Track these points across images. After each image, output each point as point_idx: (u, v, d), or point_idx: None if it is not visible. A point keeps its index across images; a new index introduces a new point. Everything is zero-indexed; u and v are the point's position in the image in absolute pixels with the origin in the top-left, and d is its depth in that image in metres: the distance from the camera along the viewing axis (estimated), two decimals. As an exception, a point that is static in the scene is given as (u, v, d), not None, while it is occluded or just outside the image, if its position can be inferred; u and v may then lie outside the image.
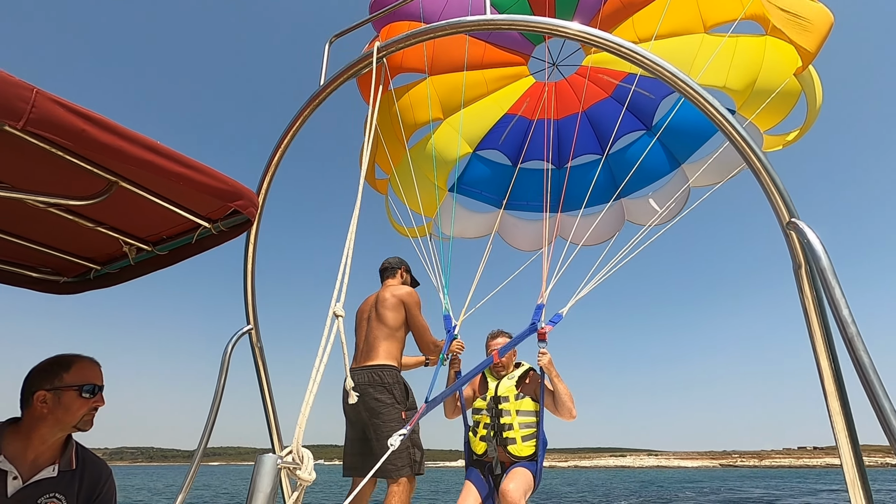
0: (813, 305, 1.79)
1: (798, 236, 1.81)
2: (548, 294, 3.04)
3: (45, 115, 1.07)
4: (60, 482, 1.63)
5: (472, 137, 4.83)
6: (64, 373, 1.62)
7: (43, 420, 1.58)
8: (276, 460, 1.01)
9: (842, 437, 1.70)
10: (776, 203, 1.93)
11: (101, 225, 1.71)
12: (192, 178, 1.36)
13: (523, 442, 3.15)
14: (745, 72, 3.81)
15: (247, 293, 2.98)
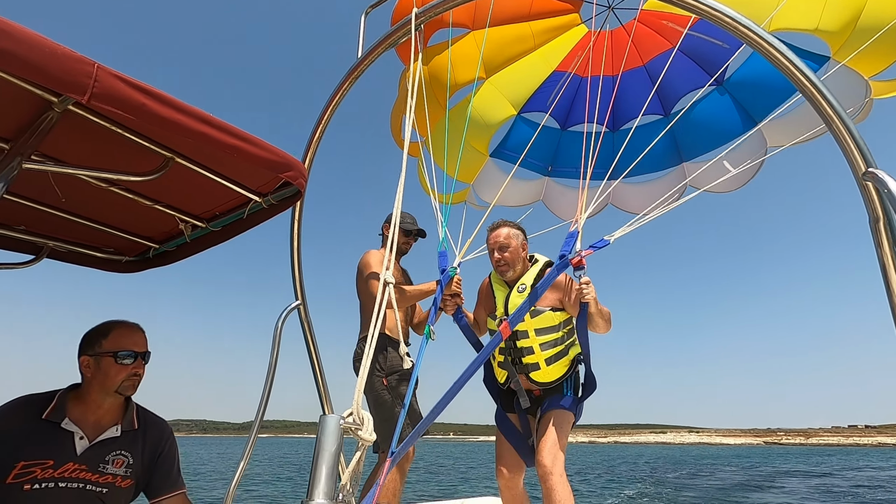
0: (892, 261, 1.67)
1: (876, 186, 1.69)
2: (584, 219, 2.48)
3: (108, 89, 1.11)
4: (124, 441, 1.75)
5: (517, 98, 4.42)
6: (102, 339, 1.72)
7: (90, 385, 1.70)
8: (339, 420, 1.04)
9: None
10: (851, 153, 1.81)
11: (158, 203, 1.81)
12: (244, 149, 1.41)
13: (548, 365, 2.59)
14: (843, 8, 3.22)
15: (294, 269, 3.05)
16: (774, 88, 3.65)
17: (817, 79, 1.88)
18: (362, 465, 1.19)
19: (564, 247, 2.37)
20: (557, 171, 4.66)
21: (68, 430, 1.64)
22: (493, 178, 4.55)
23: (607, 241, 2.33)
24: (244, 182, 1.71)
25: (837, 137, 1.84)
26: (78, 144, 1.44)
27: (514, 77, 4.35)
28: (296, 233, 3.02)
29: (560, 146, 4.60)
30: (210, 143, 1.34)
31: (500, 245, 2.67)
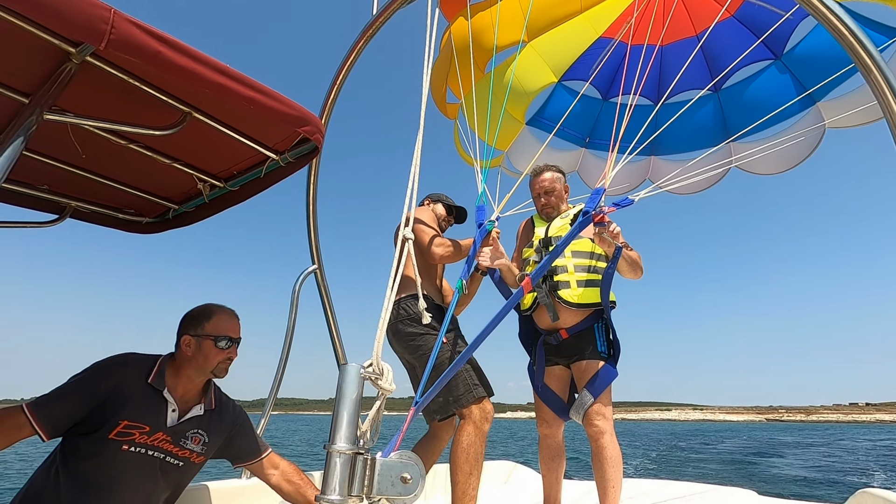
0: None
1: None
2: (612, 176, 2.40)
3: (125, 35, 1.11)
4: (204, 420, 1.83)
5: (559, 65, 4.24)
6: (206, 322, 1.79)
7: (188, 362, 1.77)
8: (360, 369, 1.06)
9: None
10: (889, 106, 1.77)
11: (177, 161, 1.83)
12: (262, 102, 1.41)
13: (579, 287, 2.56)
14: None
15: (310, 233, 3.06)
16: (841, 63, 3.42)
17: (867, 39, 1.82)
18: (381, 414, 1.21)
19: (589, 202, 2.35)
20: (595, 143, 4.51)
21: (167, 398, 1.73)
22: (528, 147, 4.43)
23: (631, 201, 2.30)
24: (261, 139, 1.71)
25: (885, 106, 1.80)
26: (96, 99, 1.45)
27: (557, 41, 4.15)
28: (312, 193, 3.03)
29: (600, 117, 4.44)
30: (227, 95, 1.33)
31: (545, 189, 2.83)
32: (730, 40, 3.90)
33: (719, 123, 4.08)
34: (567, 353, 2.66)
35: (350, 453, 0.95)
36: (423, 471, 1.04)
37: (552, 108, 4.39)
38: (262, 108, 1.41)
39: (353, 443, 0.97)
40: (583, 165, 4.56)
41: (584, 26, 4.12)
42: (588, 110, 4.42)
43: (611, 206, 2.32)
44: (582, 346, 2.60)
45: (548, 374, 2.74)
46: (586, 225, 2.31)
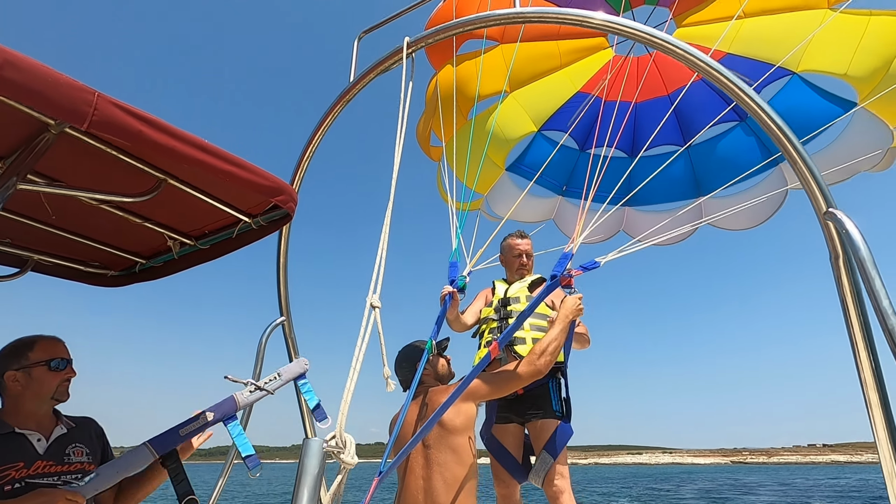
0: (851, 297, 1.76)
1: (836, 226, 1.79)
2: (580, 241, 2.54)
3: (107, 117, 1.14)
4: (73, 435, 1.78)
5: (539, 115, 4.40)
6: (29, 352, 1.72)
7: (22, 396, 1.69)
8: (322, 444, 1.06)
9: (880, 430, 1.66)
10: (813, 193, 1.91)
11: (148, 221, 1.81)
12: (237, 174, 1.45)
13: (534, 343, 2.49)
14: (875, 55, 3.22)
15: (280, 285, 3.07)
16: (801, 127, 3.65)
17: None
18: (343, 488, 1.21)
19: (557, 266, 2.42)
20: (571, 191, 4.63)
21: (24, 433, 1.67)
22: (507, 192, 4.52)
23: (597, 264, 2.36)
24: (235, 203, 1.74)
25: (801, 178, 1.92)
26: (72, 164, 1.44)
27: (538, 94, 4.32)
28: (282, 251, 3.04)
29: (577, 167, 4.58)
30: (204, 169, 1.37)
31: (527, 252, 2.99)
32: (699, 101, 4.14)
33: (690, 177, 4.27)
34: (522, 410, 2.64)
35: None
36: None
37: (531, 156, 4.52)
38: (237, 180, 1.45)
39: None
40: (559, 213, 4.66)
41: (564, 81, 4.31)
42: (565, 160, 4.57)
43: (577, 269, 2.37)
44: (537, 403, 2.59)
45: (502, 432, 2.70)
46: (555, 288, 2.38)
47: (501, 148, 4.40)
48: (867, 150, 3.46)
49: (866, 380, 1.70)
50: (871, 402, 1.69)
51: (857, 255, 1.63)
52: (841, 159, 3.44)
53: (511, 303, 2.74)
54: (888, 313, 1.48)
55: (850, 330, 1.76)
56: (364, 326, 1.50)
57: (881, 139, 3.35)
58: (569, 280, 2.36)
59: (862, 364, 1.72)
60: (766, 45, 3.69)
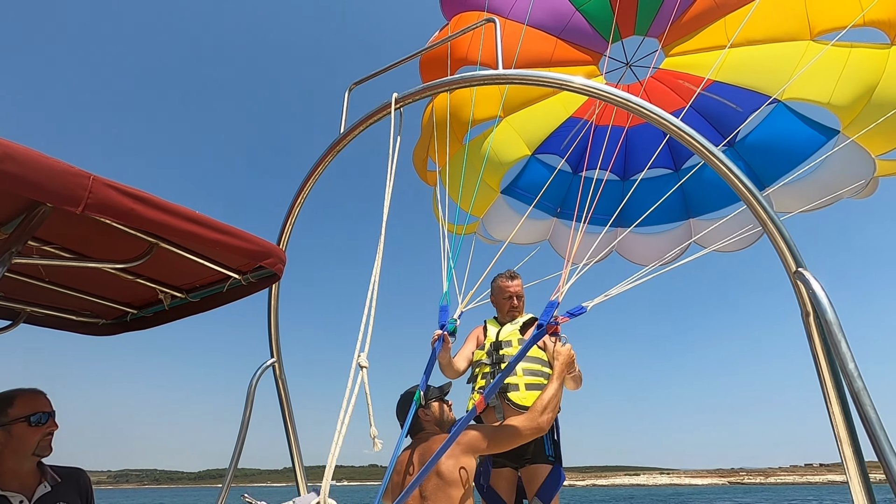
0: (822, 353, 1.81)
1: (804, 287, 1.83)
2: (566, 290, 2.55)
3: (101, 199, 1.21)
4: (59, 492, 1.75)
5: (533, 140, 4.49)
6: (8, 408, 1.69)
7: (1, 456, 1.66)
8: None
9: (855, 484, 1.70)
10: (782, 252, 1.95)
11: (140, 277, 1.87)
12: (225, 242, 1.52)
13: (527, 390, 2.61)
14: (857, 85, 3.33)
15: (270, 328, 3.08)
16: (785, 154, 3.76)
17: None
18: None
19: (543, 316, 2.44)
20: (565, 213, 4.70)
21: (4, 494, 1.63)
22: (502, 214, 4.58)
23: (584, 309, 2.39)
24: (224, 262, 1.80)
25: (771, 238, 1.95)
26: (67, 231, 1.50)
27: (532, 118, 4.42)
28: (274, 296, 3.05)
29: (570, 190, 4.66)
30: (194, 238, 1.44)
31: (517, 294, 2.95)
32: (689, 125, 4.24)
33: (680, 200, 4.35)
34: (515, 455, 2.66)
35: None
36: None
37: (526, 179, 4.60)
38: (226, 246, 1.52)
39: None
40: (554, 234, 4.73)
41: (557, 106, 4.42)
42: (559, 182, 4.64)
43: (564, 315, 2.40)
44: (530, 448, 2.62)
45: (496, 476, 2.73)
46: (541, 337, 2.40)
47: (496, 171, 4.48)
48: (851, 178, 3.56)
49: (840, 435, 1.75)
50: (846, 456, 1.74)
51: (824, 317, 1.70)
52: (826, 187, 3.54)
53: (503, 346, 2.76)
54: (854, 376, 1.56)
55: (822, 383, 1.82)
56: (350, 387, 1.48)
57: (864, 168, 3.45)
58: (555, 328, 2.39)
59: (835, 417, 1.77)
60: (752, 74, 3.81)
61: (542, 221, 4.73)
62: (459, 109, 4.14)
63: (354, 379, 1.47)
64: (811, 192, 3.63)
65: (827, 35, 3.44)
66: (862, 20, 3.26)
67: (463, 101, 4.13)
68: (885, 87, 3.27)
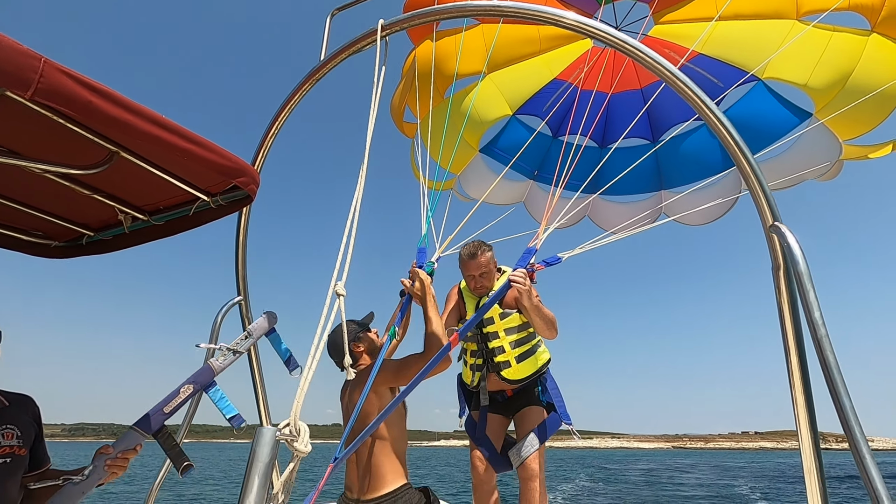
0: (787, 306, 1.89)
1: (779, 239, 1.90)
2: (544, 238, 2.57)
3: (54, 85, 1.07)
4: (4, 417, 1.68)
5: (515, 99, 4.43)
6: None
7: None
8: (275, 432, 1.07)
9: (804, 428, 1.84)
10: (761, 206, 2.02)
11: (98, 192, 1.70)
12: (195, 153, 1.38)
13: (518, 363, 2.73)
14: (834, 70, 3.39)
15: (238, 264, 2.98)
16: (759, 133, 3.82)
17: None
18: (295, 475, 1.21)
19: (520, 261, 2.46)
20: (543, 176, 4.71)
21: None
22: (479, 174, 4.56)
23: (559, 259, 2.44)
24: (192, 181, 1.65)
25: (752, 191, 2.04)
26: (15, 128, 1.34)
27: (515, 78, 4.34)
28: (242, 229, 2.95)
29: (549, 153, 4.65)
30: (160, 145, 1.30)
31: (481, 272, 2.76)
32: (668, 97, 4.25)
33: (654, 171, 4.41)
34: (513, 408, 2.80)
35: None
36: None
37: (505, 140, 4.56)
38: (195, 158, 1.39)
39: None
40: (530, 197, 4.75)
41: (541, 67, 4.34)
42: (538, 145, 4.63)
43: (540, 263, 2.43)
44: (526, 397, 2.77)
45: (489, 421, 2.82)
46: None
47: (476, 129, 4.41)
48: (817, 160, 3.66)
49: (795, 382, 1.87)
50: (798, 403, 1.87)
51: (796, 268, 1.76)
52: (792, 167, 3.64)
53: (485, 324, 2.77)
54: (818, 323, 1.64)
55: (784, 335, 1.91)
56: (325, 315, 1.45)
57: (830, 151, 3.55)
58: (531, 275, 2.42)
59: (792, 367, 1.87)
60: (735, 50, 3.82)
61: (518, 183, 4.73)
62: (443, 62, 4.03)
63: (331, 307, 1.44)
64: (779, 172, 3.73)
65: (812, 16, 3.46)
66: (847, 3, 3.29)
67: (447, 52, 4.01)
68: (859, 74, 3.33)
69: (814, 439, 1.81)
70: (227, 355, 1.75)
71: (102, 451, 1.62)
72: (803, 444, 1.84)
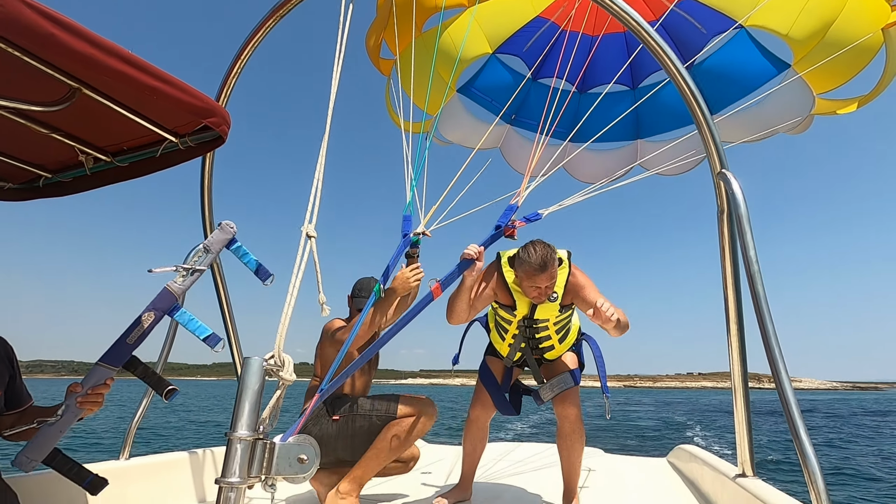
0: (728, 245, 2.10)
1: (725, 185, 2.06)
2: (526, 195, 2.54)
3: (12, 14, 1.00)
4: None
5: (496, 37, 4.23)
6: None
7: None
8: (262, 362, 1.12)
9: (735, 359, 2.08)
10: (711, 154, 2.18)
11: (57, 132, 1.61)
12: (164, 91, 1.33)
13: (560, 343, 2.74)
14: (816, 20, 3.37)
15: (204, 208, 2.92)
16: (738, 83, 3.83)
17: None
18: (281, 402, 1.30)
19: (502, 218, 2.42)
20: (520, 121, 4.62)
21: None
22: (456, 115, 4.43)
23: (539, 216, 2.44)
24: (160, 121, 1.59)
25: (704, 139, 2.21)
26: None
27: (497, 13, 4.13)
28: (207, 172, 2.89)
29: (528, 96, 4.54)
30: (126, 82, 1.24)
31: (547, 287, 2.49)
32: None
33: (632, 120, 4.40)
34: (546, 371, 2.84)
35: (250, 440, 1.01)
36: (318, 451, 1.10)
37: (484, 79, 4.41)
38: (164, 96, 1.33)
39: (254, 430, 1.03)
40: (506, 143, 4.67)
41: (524, 3, 4.14)
42: (518, 87, 4.50)
43: (521, 220, 2.42)
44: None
45: (495, 363, 2.87)
46: (497, 238, 2.38)
47: (454, 67, 4.23)
48: (792, 113, 3.71)
49: (731, 316, 2.10)
50: (731, 333, 2.11)
51: (737, 211, 1.91)
52: (767, 119, 3.68)
53: (538, 323, 2.66)
54: (752, 260, 1.81)
55: (723, 273, 2.11)
56: (300, 256, 1.48)
57: (804, 104, 3.60)
58: (512, 231, 2.40)
59: (729, 303, 2.09)
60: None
61: (496, 126, 4.63)
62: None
63: (304, 248, 1.46)
64: (753, 124, 3.78)
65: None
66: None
67: (425, -19, 3.75)
68: (839, 26, 3.33)
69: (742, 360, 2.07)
70: (188, 275, 1.65)
71: (72, 390, 1.58)
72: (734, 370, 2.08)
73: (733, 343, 2.12)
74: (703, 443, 16.76)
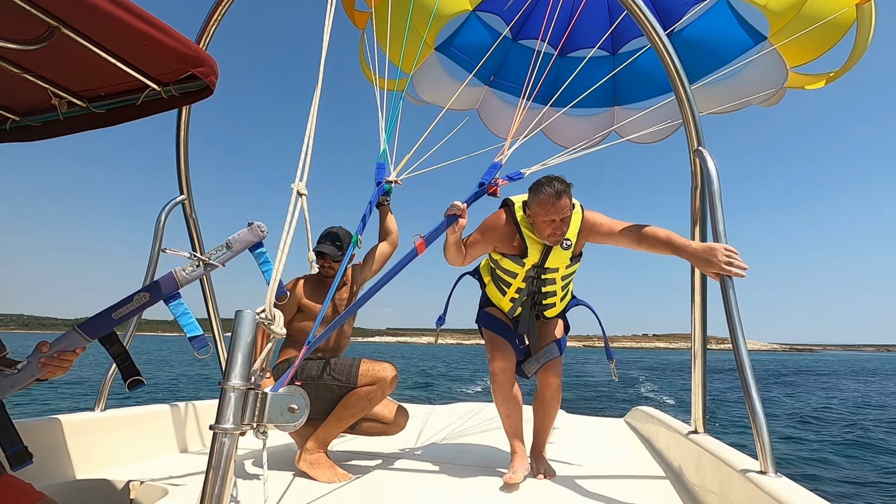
0: (698, 219, 2.20)
1: (700, 162, 2.13)
2: (509, 154, 2.50)
3: None
4: None
5: (476, -9, 4.07)
6: None
7: None
8: (254, 315, 1.14)
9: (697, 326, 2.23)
10: (689, 130, 2.23)
11: (29, 72, 1.49)
12: (152, 35, 1.25)
13: (561, 301, 2.71)
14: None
15: (179, 161, 2.89)
16: (714, 54, 3.85)
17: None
18: (272, 354, 1.32)
19: (485, 175, 2.40)
20: (499, 83, 4.54)
21: None
22: (433, 74, 4.31)
23: (522, 175, 2.42)
24: (143, 67, 1.49)
25: (684, 116, 2.27)
26: None
27: (479, -33, 3.96)
28: (183, 123, 2.83)
29: (507, 57, 4.44)
30: (111, 23, 1.16)
31: (563, 218, 2.37)
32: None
33: (610, 86, 4.38)
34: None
35: (243, 389, 1.05)
36: (307, 401, 1.13)
37: (462, 38, 4.27)
38: (152, 41, 1.25)
39: (246, 380, 1.07)
40: (484, 105, 4.59)
41: (507, -43, 3.98)
42: (497, 47, 4.39)
43: (504, 178, 2.41)
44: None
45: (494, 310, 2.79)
46: (480, 196, 2.35)
47: (433, 24, 4.07)
48: (764, 86, 3.78)
49: (696, 286, 2.22)
50: (696, 303, 2.23)
51: (710, 187, 1.99)
52: (740, 91, 3.74)
53: (548, 272, 2.51)
54: (721, 234, 1.91)
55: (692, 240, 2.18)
56: (291, 214, 1.44)
57: (777, 77, 3.66)
58: (495, 189, 2.37)
59: (696, 273, 2.20)
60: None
61: (473, 88, 4.54)
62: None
63: (295, 206, 1.44)
64: (726, 95, 3.84)
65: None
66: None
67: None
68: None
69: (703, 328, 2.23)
70: (200, 267, 1.58)
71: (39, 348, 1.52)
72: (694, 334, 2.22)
73: (696, 312, 2.24)
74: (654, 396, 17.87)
